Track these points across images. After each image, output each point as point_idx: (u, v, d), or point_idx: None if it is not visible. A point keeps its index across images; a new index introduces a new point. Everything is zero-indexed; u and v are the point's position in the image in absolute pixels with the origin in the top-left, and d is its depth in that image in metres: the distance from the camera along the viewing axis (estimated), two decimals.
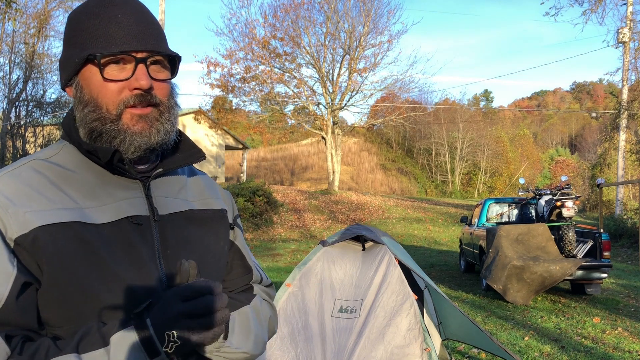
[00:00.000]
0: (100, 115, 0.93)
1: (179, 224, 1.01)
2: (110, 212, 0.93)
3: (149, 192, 0.99)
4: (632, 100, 19.76)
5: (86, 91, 0.94)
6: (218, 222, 1.10)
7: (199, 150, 1.08)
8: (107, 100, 0.92)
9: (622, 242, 15.26)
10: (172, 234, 0.99)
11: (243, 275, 1.15)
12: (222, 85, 25.72)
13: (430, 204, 27.31)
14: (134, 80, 0.92)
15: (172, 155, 1.04)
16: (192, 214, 1.04)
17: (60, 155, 0.98)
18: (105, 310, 0.88)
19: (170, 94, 0.99)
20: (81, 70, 0.94)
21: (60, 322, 0.88)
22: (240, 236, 1.18)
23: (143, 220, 0.96)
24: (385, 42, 26.34)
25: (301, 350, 3.35)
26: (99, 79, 0.92)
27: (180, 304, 0.82)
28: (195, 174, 1.14)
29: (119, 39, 0.92)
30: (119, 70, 0.93)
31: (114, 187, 0.96)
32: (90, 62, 0.93)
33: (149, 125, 0.94)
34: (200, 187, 1.12)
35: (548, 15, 44.63)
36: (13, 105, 19.48)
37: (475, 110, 51.80)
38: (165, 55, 0.97)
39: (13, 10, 11.69)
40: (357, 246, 3.79)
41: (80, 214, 0.90)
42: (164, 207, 1.00)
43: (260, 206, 18.10)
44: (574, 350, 5.19)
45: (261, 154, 45.30)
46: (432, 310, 4.60)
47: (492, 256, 7.62)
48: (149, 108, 0.95)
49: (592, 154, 40.42)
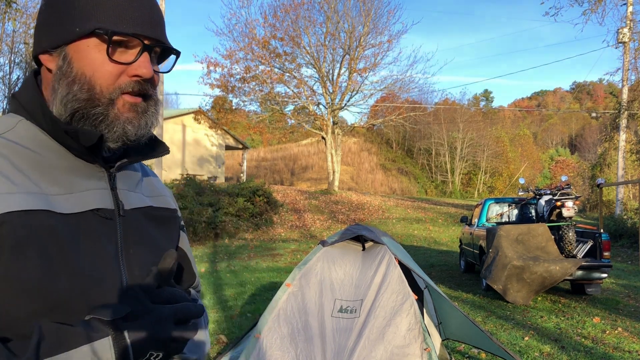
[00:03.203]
0: (91, 96, 0.84)
1: (139, 221, 0.95)
2: (75, 202, 0.84)
3: (114, 184, 0.92)
4: (632, 100, 19.76)
5: (76, 66, 0.84)
6: (172, 223, 1.06)
7: (163, 143, 1.03)
8: (103, 81, 0.84)
9: (622, 242, 15.26)
10: (133, 231, 0.93)
11: (188, 280, 1.11)
12: (222, 85, 25.74)
13: (430, 204, 27.32)
14: (135, 67, 0.86)
15: (136, 147, 0.96)
16: (151, 211, 1.00)
17: (14, 131, 0.86)
18: (71, 306, 0.79)
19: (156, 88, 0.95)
20: (76, 41, 0.84)
21: (19, 318, 0.77)
22: (186, 240, 1.12)
23: (109, 214, 0.89)
24: (385, 42, 26.43)
25: (301, 350, 3.35)
26: (100, 57, 0.84)
27: (173, 327, 0.80)
28: (146, 172, 1.09)
29: (132, 19, 0.84)
30: (121, 52, 0.86)
31: (77, 173, 0.88)
32: (97, 35, 0.83)
33: (138, 115, 0.89)
34: (152, 185, 1.07)
35: (548, 15, 44.64)
36: None
37: (475, 110, 51.83)
38: (167, 49, 0.92)
39: (13, 10, 11.69)
40: (357, 246, 3.79)
41: (45, 201, 0.81)
42: (127, 202, 0.94)
43: (260, 206, 18.09)
44: (574, 350, 5.18)
45: (261, 154, 45.32)
46: (432, 310, 4.59)
47: (492, 256, 7.62)
48: (139, 98, 0.88)
49: (592, 154, 40.44)
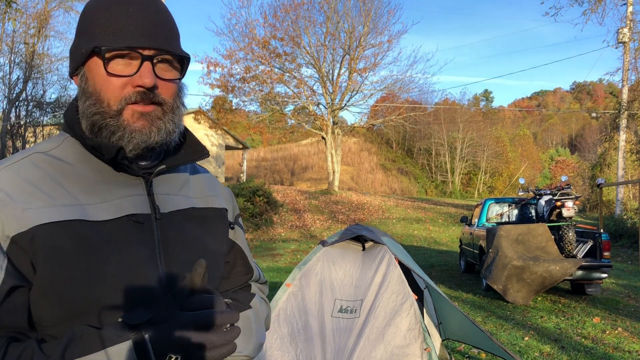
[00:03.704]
0: (100, 110, 0.91)
1: (179, 222, 0.99)
2: (110, 209, 0.91)
3: (150, 190, 0.98)
4: (632, 100, 19.76)
5: (90, 83, 0.93)
6: (218, 221, 1.09)
7: (203, 147, 1.06)
8: (110, 94, 0.91)
9: (622, 242, 15.26)
10: (173, 232, 0.97)
11: (244, 274, 1.16)
12: (222, 85, 25.73)
13: (430, 204, 27.31)
14: (137, 77, 0.91)
15: (176, 152, 1.02)
16: (193, 212, 1.03)
17: (61, 148, 0.96)
18: (101, 311, 0.86)
19: (176, 94, 0.97)
20: (87, 61, 0.93)
21: (53, 321, 0.86)
22: (242, 235, 1.17)
23: (144, 218, 0.94)
24: (385, 42, 26.41)
25: (301, 351, 3.35)
26: (103, 73, 0.91)
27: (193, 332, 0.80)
28: (197, 171, 1.13)
29: (128, 34, 0.90)
30: (124, 65, 0.91)
31: (115, 183, 0.95)
32: (97, 54, 0.91)
33: (149, 123, 0.93)
34: (202, 185, 1.10)
35: (548, 15, 44.64)
36: (13, 105, 19.49)
37: (475, 110, 51.79)
38: (175, 55, 0.95)
39: (13, 10, 11.69)
40: (357, 246, 3.79)
41: (80, 211, 0.88)
42: (165, 205, 0.99)
43: (260, 206, 18.09)
44: (574, 350, 5.18)
45: (261, 154, 45.30)
46: (432, 310, 4.59)
47: (492, 256, 7.62)
48: (151, 106, 0.93)
49: (592, 154, 40.42)
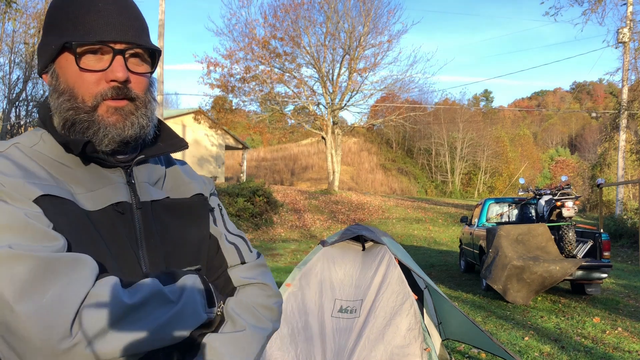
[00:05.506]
0: (75, 105, 0.92)
1: (160, 212, 1.01)
2: (96, 200, 0.93)
3: (130, 179, 0.99)
4: (632, 100, 19.76)
5: (62, 80, 0.93)
6: (198, 209, 1.08)
7: (181, 139, 1.07)
8: (84, 90, 0.91)
9: (622, 242, 15.25)
10: (153, 222, 0.99)
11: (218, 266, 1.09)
12: (222, 85, 25.71)
13: (430, 204, 27.31)
14: (110, 72, 0.91)
15: (153, 145, 1.04)
16: (172, 203, 1.04)
17: (42, 144, 0.96)
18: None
19: (148, 89, 0.98)
20: (57, 58, 0.93)
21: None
22: (219, 218, 1.13)
23: (126, 207, 0.95)
24: (385, 42, 26.39)
25: (301, 350, 3.35)
26: (75, 69, 0.91)
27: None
28: (172, 163, 1.13)
29: (98, 29, 0.90)
30: (96, 60, 0.92)
31: (95, 174, 0.96)
32: (67, 50, 0.91)
33: (123, 117, 0.93)
34: (179, 175, 1.11)
35: (548, 15, 44.66)
36: (13, 105, 19.48)
37: (475, 110, 51.82)
38: (145, 49, 0.96)
39: (13, 10, 11.70)
40: (357, 246, 3.79)
41: (72, 197, 0.90)
42: (146, 194, 1.00)
43: (260, 206, 18.09)
44: (574, 350, 5.18)
45: (261, 154, 45.30)
46: (432, 310, 4.59)
47: (492, 256, 7.62)
48: (124, 101, 0.94)
49: (592, 154, 40.40)
